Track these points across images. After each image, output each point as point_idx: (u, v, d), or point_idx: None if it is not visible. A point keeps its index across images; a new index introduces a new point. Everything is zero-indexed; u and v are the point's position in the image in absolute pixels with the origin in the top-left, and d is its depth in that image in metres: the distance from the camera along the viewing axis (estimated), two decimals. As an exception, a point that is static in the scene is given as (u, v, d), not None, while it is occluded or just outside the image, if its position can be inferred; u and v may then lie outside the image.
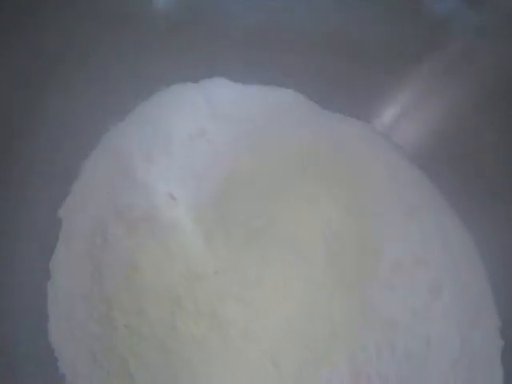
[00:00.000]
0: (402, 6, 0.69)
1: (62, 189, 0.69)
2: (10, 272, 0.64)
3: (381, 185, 0.71)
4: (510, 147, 0.68)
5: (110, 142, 0.71)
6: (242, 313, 0.64)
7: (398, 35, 0.71)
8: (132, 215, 0.67)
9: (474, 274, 0.70)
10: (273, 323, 0.64)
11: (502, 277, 0.69)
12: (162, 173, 0.69)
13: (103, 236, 0.67)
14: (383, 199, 0.71)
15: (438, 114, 0.73)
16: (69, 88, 0.67)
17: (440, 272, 0.69)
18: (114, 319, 0.64)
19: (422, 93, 0.73)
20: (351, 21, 0.71)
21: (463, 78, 0.71)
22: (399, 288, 0.67)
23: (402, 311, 0.67)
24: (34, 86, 0.65)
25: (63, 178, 0.69)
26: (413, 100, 0.74)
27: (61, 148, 0.67)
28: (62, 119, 0.67)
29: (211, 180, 0.69)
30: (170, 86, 0.74)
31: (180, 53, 0.72)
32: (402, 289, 0.67)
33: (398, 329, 0.66)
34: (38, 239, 0.67)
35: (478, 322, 0.68)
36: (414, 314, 0.67)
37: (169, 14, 0.70)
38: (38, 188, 0.66)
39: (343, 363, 0.64)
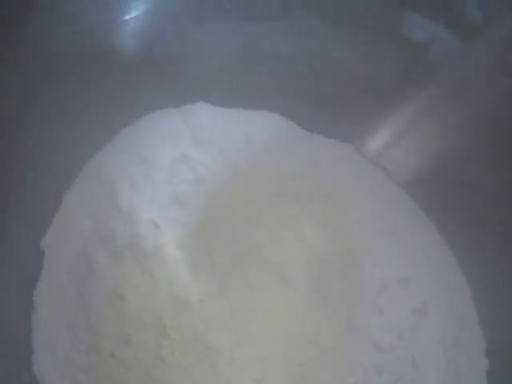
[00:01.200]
0: (386, 32, 0.70)
1: (44, 218, 0.68)
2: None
3: (364, 206, 0.72)
4: (494, 170, 0.69)
5: (93, 169, 0.71)
6: (228, 340, 0.64)
7: (383, 61, 0.71)
8: (116, 243, 0.67)
9: (458, 294, 0.71)
10: (260, 349, 0.64)
11: (486, 297, 0.70)
12: (145, 200, 0.69)
13: (87, 265, 0.66)
14: (367, 221, 0.71)
15: (424, 140, 0.74)
16: (49, 117, 0.66)
17: (425, 292, 0.69)
18: (100, 349, 0.64)
19: (407, 119, 0.74)
20: (334, 46, 0.71)
21: (450, 104, 0.71)
22: (385, 310, 0.68)
23: (387, 333, 0.67)
24: (13, 118, 0.64)
25: (46, 207, 0.68)
26: (398, 126, 0.75)
27: (43, 177, 0.66)
28: (43, 149, 0.66)
29: (194, 207, 0.69)
30: (152, 112, 0.74)
31: (160, 80, 0.72)
32: (388, 311, 0.68)
33: (385, 351, 0.66)
34: (20, 270, 0.65)
35: (463, 343, 0.68)
36: (399, 336, 0.67)
37: (144, 46, 0.71)
38: (20, 218, 0.65)
39: (331, 388, 0.66)
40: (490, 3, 0.66)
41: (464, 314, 0.70)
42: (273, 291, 0.66)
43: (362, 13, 0.71)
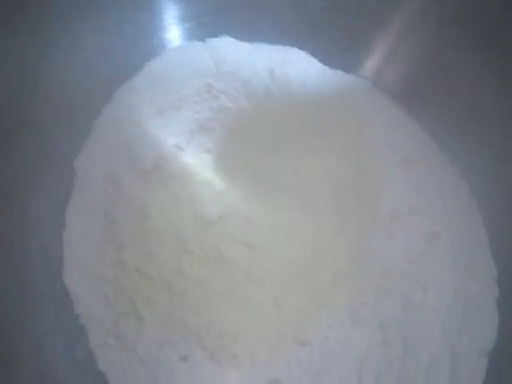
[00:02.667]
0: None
1: (76, 142, 0.72)
2: (28, 220, 0.68)
3: (379, 137, 0.74)
4: (505, 95, 0.70)
5: (122, 97, 0.74)
6: (246, 256, 0.67)
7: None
8: (143, 166, 0.71)
9: (470, 223, 0.72)
10: (276, 266, 0.67)
11: (498, 226, 0.71)
12: (171, 126, 0.73)
13: (115, 186, 0.71)
14: (381, 151, 0.73)
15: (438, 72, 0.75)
16: (82, 46, 0.71)
17: (437, 221, 0.71)
18: (125, 263, 0.68)
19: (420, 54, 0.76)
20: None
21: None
22: (397, 236, 0.70)
23: (399, 259, 0.69)
24: (46, 46, 0.68)
25: (78, 133, 0.72)
26: (414, 60, 0.77)
27: (75, 104, 0.71)
28: (75, 77, 0.71)
29: (217, 133, 0.73)
30: (179, 45, 0.78)
31: (187, 13, 0.76)
32: (400, 237, 0.70)
33: (396, 276, 0.69)
34: (53, 190, 0.70)
35: (474, 271, 0.70)
36: (410, 262, 0.69)
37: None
38: (54, 142, 0.70)
39: (343, 306, 0.67)
40: None
41: (476, 242, 0.71)
42: (291, 213, 0.69)
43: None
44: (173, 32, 0.77)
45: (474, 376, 0.67)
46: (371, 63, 0.78)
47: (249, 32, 0.77)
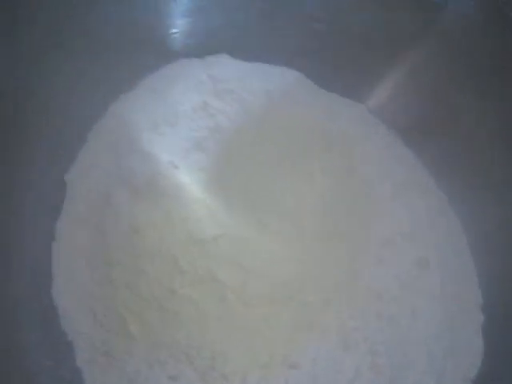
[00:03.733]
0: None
1: (69, 155, 0.71)
2: (17, 232, 0.67)
3: (371, 162, 0.75)
4: (501, 129, 0.72)
5: (117, 111, 0.74)
6: (238, 277, 0.67)
7: (399, 23, 0.75)
8: (136, 182, 0.70)
9: (458, 252, 0.74)
10: (268, 289, 0.67)
11: (485, 255, 0.73)
12: (166, 143, 0.72)
13: (107, 201, 0.70)
14: (373, 176, 0.75)
15: (426, 95, 0.77)
16: (78, 59, 0.70)
17: (426, 248, 0.73)
18: (115, 280, 0.67)
19: (410, 74, 0.78)
20: (352, 7, 0.76)
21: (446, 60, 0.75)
22: (387, 262, 0.71)
23: (389, 283, 0.70)
24: (39, 56, 0.67)
25: (70, 145, 0.71)
26: (403, 82, 0.78)
27: (69, 116, 0.70)
28: (71, 89, 0.70)
29: (212, 152, 0.72)
30: (176, 61, 0.77)
31: (186, 30, 0.76)
32: (390, 262, 0.71)
33: (385, 300, 0.69)
34: (44, 202, 0.69)
35: (461, 297, 0.72)
36: (400, 286, 0.70)
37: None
38: (46, 154, 0.70)
39: (333, 330, 0.67)
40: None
41: (463, 270, 0.73)
42: (283, 234, 0.69)
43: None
44: (171, 48, 0.77)
45: (458, 402, 0.70)
46: (366, 88, 0.79)
47: (247, 52, 0.77)
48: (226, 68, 0.78)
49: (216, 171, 0.72)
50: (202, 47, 0.77)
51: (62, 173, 0.71)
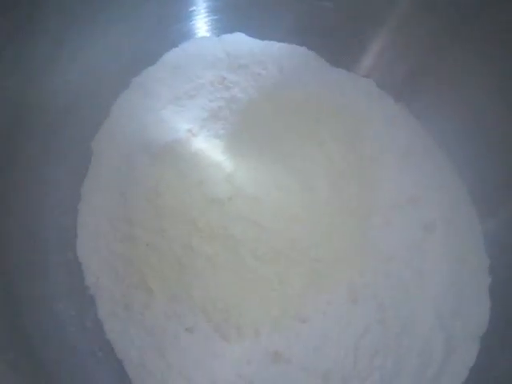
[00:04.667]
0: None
1: (95, 124, 0.76)
2: (45, 193, 0.72)
3: (378, 130, 0.78)
4: (500, 90, 0.75)
5: (140, 83, 0.79)
6: (252, 234, 0.70)
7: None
8: (156, 148, 0.74)
9: (464, 215, 0.76)
10: (280, 245, 0.70)
11: (491, 218, 0.75)
12: (185, 113, 0.77)
13: (130, 166, 0.74)
14: (380, 143, 0.78)
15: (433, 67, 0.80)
16: (105, 35, 0.75)
17: (433, 211, 0.75)
18: (136, 238, 0.71)
19: (421, 52, 0.81)
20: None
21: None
22: (395, 224, 0.74)
23: (397, 245, 0.73)
24: (67, 29, 0.71)
25: (96, 115, 0.76)
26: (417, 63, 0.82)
27: (95, 88, 0.74)
28: (96, 62, 0.75)
29: (228, 121, 0.77)
30: (195, 38, 0.82)
31: (204, 9, 0.81)
32: (398, 224, 0.74)
33: (394, 260, 0.72)
34: (71, 167, 0.74)
35: (467, 259, 0.74)
36: (408, 248, 0.73)
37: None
38: (73, 122, 0.74)
39: (342, 285, 0.70)
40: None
41: (470, 232, 0.76)
42: (295, 195, 0.73)
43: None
44: (190, 26, 0.82)
45: (465, 358, 0.71)
46: (374, 63, 0.83)
47: (261, 30, 0.82)
48: (241, 45, 0.82)
49: (231, 138, 0.76)
50: (220, 25, 0.83)
51: (89, 140, 0.76)
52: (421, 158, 0.78)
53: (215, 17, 0.82)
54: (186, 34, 0.82)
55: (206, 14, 0.82)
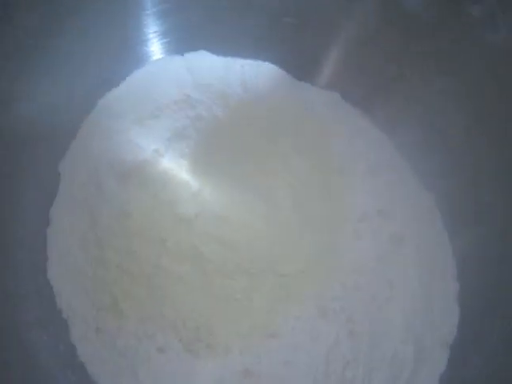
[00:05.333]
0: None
1: (61, 147, 0.76)
2: (15, 218, 0.71)
3: (344, 143, 0.79)
4: (465, 101, 0.76)
5: (105, 105, 0.79)
6: (219, 252, 0.71)
7: (365, 15, 0.79)
8: (124, 169, 0.75)
9: (432, 225, 0.77)
10: (247, 261, 0.71)
11: (457, 226, 0.76)
12: (151, 133, 0.77)
13: (98, 187, 0.74)
14: (346, 156, 0.78)
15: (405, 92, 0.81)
16: (70, 58, 0.75)
17: (401, 224, 0.76)
18: (107, 260, 0.71)
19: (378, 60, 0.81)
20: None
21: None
22: (364, 235, 0.75)
23: (366, 257, 0.74)
24: (33, 52, 0.71)
25: (63, 137, 0.76)
26: (379, 76, 0.82)
27: (61, 110, 0.75)
28: (62, 85, 0.75)
29: (193, 139, 0.77)
30: (159, 58, 0.83)
31: (166, 29, 0.81)
32: (367, 236, 0.75)
33: (363, 272, 0.73)
34: (40, 191, 0.74)
35: (436, 268, 0.75)
36: (377, 259, 0.74)
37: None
38: (40, 146, 0.73)
39: (311, 299, 0.70)
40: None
41: (437, 243, 0.76)
42: (260, 212, 0.74)
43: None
44: (153, 46, 0.82)
45: (435, 366, 0.71)
46: (338, 75, 0.83)
47: (223, 47, 0.82)
48: (205, 63, 0.83)
49: (197, 157, 0.76)
50: (182, 45, 0.83)
51: (57, 163, 0.76)
52: (387, 171, 0.79)
53: (178, 36, 0.82)
54: (150, 55, 0.82)
55: (168, 35, 0.82)
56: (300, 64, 0.83)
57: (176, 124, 0.78)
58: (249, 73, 0.82)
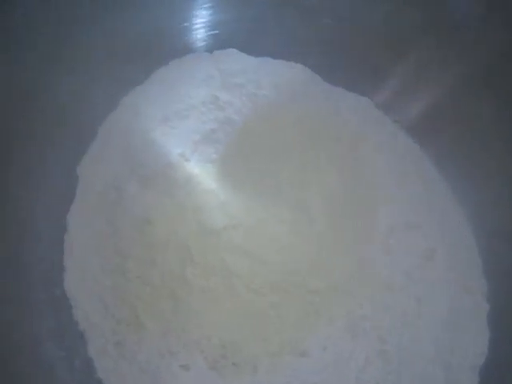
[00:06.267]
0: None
1: (81, 148, 0.72)
2: (30, 224, 0.67)
3: (375, 152, 0.76)
4: (494, 114, 0.74)
5: (129, 104, 0.74)
6: (247, 265, 0.67)
7: (398, 14, 0.76)
8: (146, 173, 0.70)
9: (463, 241, 0.75)
10: (276, 276, 0.67)
11: (490, 245, 0.74)
12: (177, 135, 0.73)
13: (118, 192, 0.70)
14: (377, 166, 0.76)
15: (431, 90, 0.78)
16: (92, 52, 0.71)
17: (432, 238, 0.73)
18: (127, 271, 0.67)
19: (416, 70, 0.78)
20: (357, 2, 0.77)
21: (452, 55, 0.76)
22: (394, 251, 0.72)
23: (396, 273, 0.71)
24: (53, 48, 0.68)
25: (83, 138, 0.72)
26: (408, 76, 0.79)
27: (82, 109, 0.70)
28: (84, 82, 0.70)
29: (222, 144, 0.73)
30: (186, 55, 0.78)
31: (196, 24, 0.78)
32: (397, 251, 0.72)
33: (393, 289, 0.70)
34: (56, 194, 0.70)
35: (467, 286, 0.72)
36: (407, 275, 0.71)
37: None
38: (58, 146, 0.70)
39: (341, 318, 0.68)
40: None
41: (468, 258, 0.74)
42: (291, 225, 0.70)
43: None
44: (181, 42, 0.78)
45: (466, 388, 0.70)
46: (372, 83, 0.79)
47: (255, 46, 0.78)
48: (235, 62, 0.78)
49: (226, 163, 0.72)
50: (212, 41, 0.79)
51: (75, 165, 0.71)
52: (419, 182, 0.76)
53: (209, 32, 0.78)
54: (177, 52, 0.77)
55: (200, 30, 0.77)
56: (334, 67, 0.79)
57: (204, 126, 0.74)
58: (281, 74, 0.78)
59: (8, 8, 0.64)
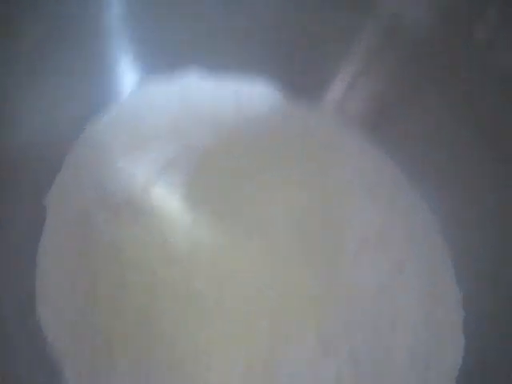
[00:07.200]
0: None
1: (46, 179, 0.72)
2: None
3: (343, 167, 0.76)
4: (468, 121, 0.73)
5: (92, 134, 0.75)
6: (215, 287, 0.67)
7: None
8: (114, 202, 0.71)
9: (435, 249, 0.74)
10: (245, 299, 0.68)
11: (462, 253, 0.73)
12: (140, 164, 0.74)
13: (87, 221, 0.70)
14: (346, 180, 0.75)
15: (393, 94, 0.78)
16: (54, 85, 0.71)
17: (403, 248, 0.73)
18: (99, 299, 0.67)
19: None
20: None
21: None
22: (365, 265, 0.72)
23: (368, 287, 0.71)
24: (12, 85, 0.69)
25: (47, 169, 0.72)
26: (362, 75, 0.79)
27: (45, 140, 0.71)
28: (46, 113, 0.71)
29: (185, 171, 0.74)
30: (146, 85, 0.79)
31: (157, 43, 0.78)
32: (368, 266, 0.72)
33: (365, 304, 0.70)
34: (24, 227, 0.70)
35: (440, 297, 0.72)
36: (379, 290, 0.71)
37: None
38: (22, 179, 0.69)
39: (313, 338, 0.67)
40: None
41: (440, 269, 0.73)
42: (258, 245, 0.70)
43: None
44: (139, 69, 0.79)
45: (442, 401, 0.70)
46: (337, 94, 0.80)
47: (215, 62, 0.78)
48: (194, 89, 0.79)
49: (189, 188, 0.73)
50: (171, 63, 0.79)
51: (41, 198, 0.72)
52: (388, 194, 0.75)
53: (164, 53, 0.78)
54: (136, 80, 0.78)
55: (149, 54, 0.78)
56: (298, 85, 0.79)
57: (166, 155, 0.75)
58: (243, 95, 0.79)
59: None
